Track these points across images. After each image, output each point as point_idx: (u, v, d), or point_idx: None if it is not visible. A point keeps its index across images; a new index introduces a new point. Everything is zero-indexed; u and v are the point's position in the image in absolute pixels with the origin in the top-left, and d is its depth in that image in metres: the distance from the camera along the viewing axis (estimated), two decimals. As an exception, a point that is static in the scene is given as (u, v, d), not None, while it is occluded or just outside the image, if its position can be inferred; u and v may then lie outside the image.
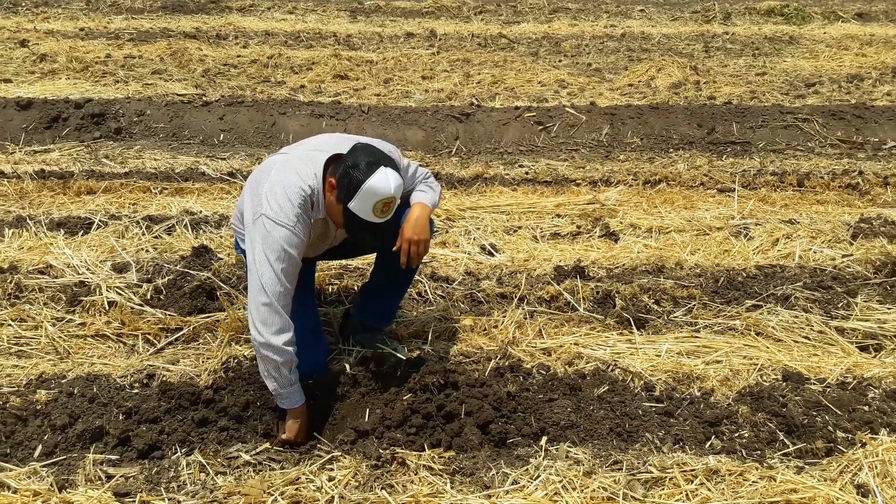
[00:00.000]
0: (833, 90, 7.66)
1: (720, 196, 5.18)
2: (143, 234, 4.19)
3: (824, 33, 10.40)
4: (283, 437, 2.66)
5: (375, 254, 3.16)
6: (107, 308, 3.41)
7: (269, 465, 2.51)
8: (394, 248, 2.87)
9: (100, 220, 4.33)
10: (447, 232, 4.42)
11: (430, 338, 3.25)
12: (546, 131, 6.39)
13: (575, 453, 2.56)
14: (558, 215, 4.73)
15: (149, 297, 3.50)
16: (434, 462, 2.48)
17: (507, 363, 3.08)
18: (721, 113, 6.64)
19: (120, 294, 3.49)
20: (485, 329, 3.37)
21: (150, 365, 3.06)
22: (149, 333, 3.27)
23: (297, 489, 2.38)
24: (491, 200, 4.95)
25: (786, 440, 2.68)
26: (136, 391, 2.86)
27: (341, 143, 2.78)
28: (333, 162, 2.69)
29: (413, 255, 2.81)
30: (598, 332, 3.39)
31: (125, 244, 4.06)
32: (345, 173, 2.58)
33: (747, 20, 11.37)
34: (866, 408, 2.85)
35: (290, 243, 2.58)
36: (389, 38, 9.82)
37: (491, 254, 4.14)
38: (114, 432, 2.60)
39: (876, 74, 8.21)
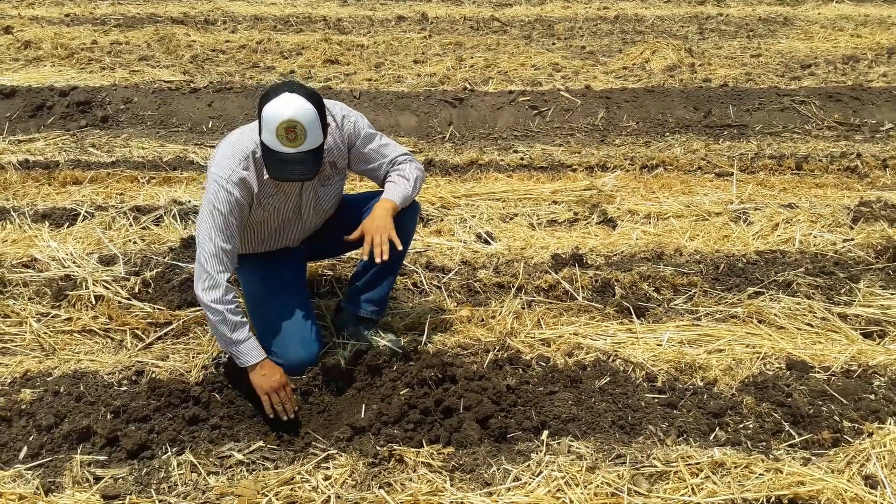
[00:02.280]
0: (829, 72, 7.59)
1: (718, 180, 5.11)
2: (131, 226, 4.09)
3: (818, 14, 10.31)
4: (263, 401, 2.62)
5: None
6: (93, 302, 3.32)
7: (263, 465, 2.44)
8: (347, 238, 2.84)
9: (86, 212, 4.23)
10: (442, 220, 4.33)
11: (426, 330, 3.18)
12: (541, 116, 6.30)
13: (577, 447, 2.50)
14: (555, 202, 4.65)
15: (137, 290, 3.41)
16: (433, 459, 2.42)
17: (505, 355, 3.01)
18: (717, 96, 6.56)
19: (107, 288, 3.40)
20: (482, 320, 3.30)
21: (138, 361, 2.97)
22: (137, 328, 3.18)
23: (292, 489, 2.31)
24: (486, 187, 4.86)
25: (791, 431, 2.63)
26: (124, 389, 2.78)
27: None
28: None
29: (376, 244, 2.75)
30: (597, 321, 3.32)
31: (112, 236, 3.96)
32: (258, 106, 2.56)
33: (741, 1, 11.26)
34: (872, 396, 2.79)
35: (224, 201, 2.61)
36: (380, 22, 9.67)
37: (487, 242, 4.06)
38: (102, 432, 2.51)
39: (871, 55, 8.14)
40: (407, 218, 2.94)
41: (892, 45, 8.41)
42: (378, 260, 2.79)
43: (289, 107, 2.48)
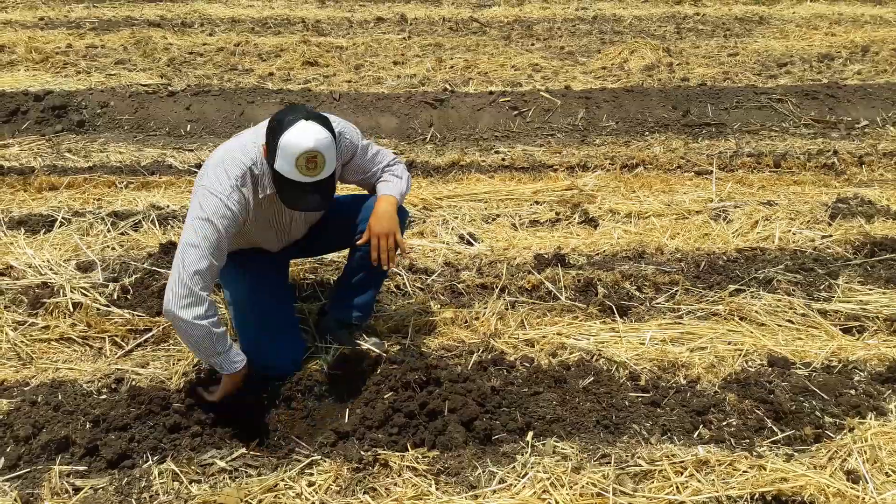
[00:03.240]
0: (804, 70, 7.67)
1: (698, 179, 5.14)
2: (109, 231, 4.03)
3: (793, 13, 10.42)
4: (215, 397, 2.65)
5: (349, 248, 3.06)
6: (71, 310, 3.26)
7: (246, 472, 2.41)
8: (358, 243, 2.80)
9: (63, 218, 4.16)
10: (424, 222, 4.32)
11: (410, 332, 3.16)
12: (521, 116, 6.31)
13: (562, 448, 2.50)
14: (537, 202, 4.66)
15: (115, 297, 3.36)
16: (418, 462, 2.40)
17: (489, 356, 3.01)
18: (695, 94, 6.61)
19: (85, 295, 3.34)
20: (466, 321, 3.29)
21: (118, 369, 2.93)
22: (116, 335, 3.13)
23: (275, 496, 2.28)
24: (468, 188, 4.86)
25: (774, 427, 2.65)
26: (103, 397, 2.73)
27: None
28: None
29: (383, 249, 2.73)
30: (580, 321, 3.32)
31: (90, 242, 3.91)
32: (269, 133, 2.50)
33: (717, 1, 11.35)
34: (853, 392, 2.82)
35: (220, 214, 2.51)
36: (359, 24, 9.64)
37: (470, 243, 4.06)
38: (81, 442, 2.47)
39: (846, 53, 8.24)
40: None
41: (865, 43, 8.52)
42: (385, 268, 2.77)
43: (309, 137, 2.41)
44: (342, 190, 4.59)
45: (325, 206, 2.59)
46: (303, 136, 2.41)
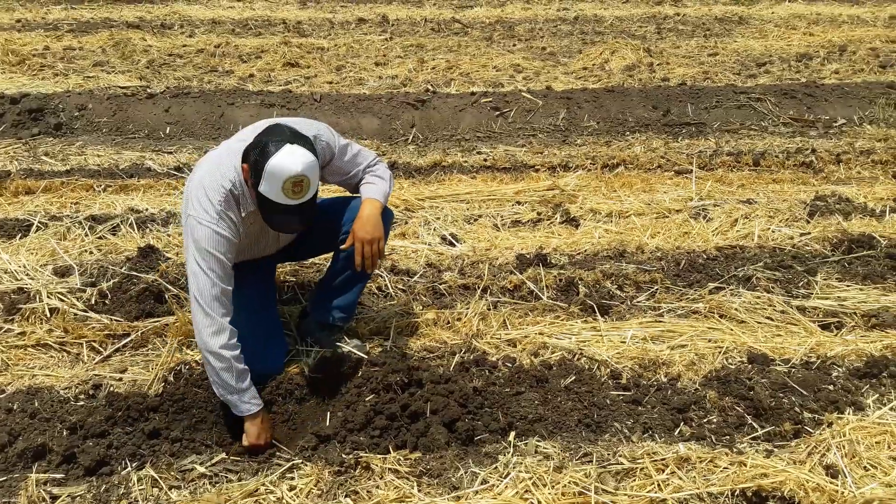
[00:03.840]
0: (783, 69, 7.74)
1: (678, 178, 5.17)
2: (87, 235, 3.98)
3: (772, 13, 10.52)
4: (245, 442, 2.55)
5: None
6: (48, 315, 3.22)
7: (226, 477, 2.39)
8: (342, 247, 2.79)
9: (39, 222, 4.11)
10: (406, 223, 4.31)
11: (391, 334, 3.15)
12: (503, 117, 6.31)
13: (544, 447, 2.50)
14: (518, 202, 4.66)
15: (93, 302, 3.32)
16: (400, 464, 2.39)
17: (471, 357, 3.00)
18: (675, 94, 6.65)
19: (62, 300, 3.30)
20: (448, 322, 3.28)
21: (95, 374, 2.90)
22: (94, 341, 3.09)
23: (256, 501, 2.27)
24: (450, 189, 4.86)
25: (754, 424, 2.67)
26: (81, 403, 2.70)
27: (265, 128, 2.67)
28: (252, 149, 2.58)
29: (367, 254, 2.73)
30: (562, 320, 3.33)
31: (67, 246, 3.86)
32: (252, 156, 2.48)
33: (697, 1, 11.44)
34: (831, 387, 2.85)
35: (215, 243, 2.51)
36: (340, 24, 9.61)
37: (452, 244, 4.05)
38: (58, 449, 2.44)
39: (824, 53, 8.33)
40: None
41: (843, 43, 8.62)
42: (369, 272, 2.77)
43: (296, 162, 2.40)
44: (326, 192, 4.58)
45: (308, 225, 2.59)
46: (290, 160, 2.41)
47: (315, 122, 2.81)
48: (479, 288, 3.54)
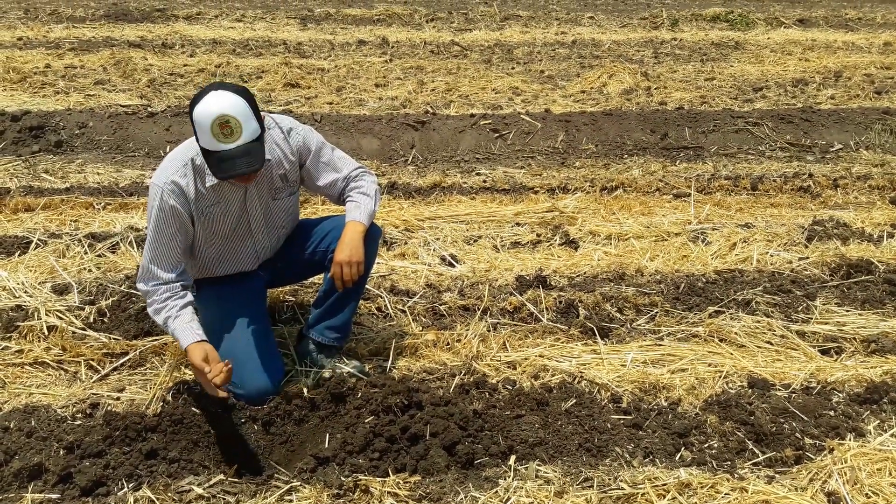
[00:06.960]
0: (780, 94, 7.82)
1: (676, 201, 5.19)
2: (86, 253, 3.98)
3: (768, 39, 10.64)
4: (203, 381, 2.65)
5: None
6: (46, 333, 3.21)
7: (224, 499, 2.36)
8: (329, 276, 2.85)
9: (38, 239, 4.10)
10: (406, 243, 4.32)
11: (391, 355, 3.14)
12: (502, 139, 6.35)
13: (545, 472, 2.48)
14: (518, 224, 4.67)
15: (92, 320, 3.31)
16: (399, 488, 2.37)
17: (471, 379, 2.99)
18: (673, 118, 6.69)
19: (60, 318, 3.29)
20: (448, 343, 3.27)
21: (93, 393, 2.88)
22: (92, 359, 3.08)
23: (254, 523, 2.24)
24: (449, 210, 4.87)
25: (755, 449, 2.65)
26: (78, 423, 2.68)
27: None
28: None
29: (346, 276, 2.78)
30: (562, 342, 3.32)
31: (66, 264, 3.85)
32: (189, 115, 2.57)
33: (694, 26, 11.57)
34: (832, 413, 2.84)
35: (162, 202, 2.66)
36: (341, 46, 9.68)
37: (451, 265, 4.05)
38: (54, 469, 2.41)
39: (819, 78, 8.41)
40: (368, 244, 2.91)
41: (838, 69, 8.71)
42: (340, 289, 2.79)
43: (218, 103, 2.48)
44: (320, 210, 4.59)
45: (256, 168, 2.58)
46: (213, 104, 2.48)
47: (297, 122, 2.90)
48: (478, 309, 3.54)
